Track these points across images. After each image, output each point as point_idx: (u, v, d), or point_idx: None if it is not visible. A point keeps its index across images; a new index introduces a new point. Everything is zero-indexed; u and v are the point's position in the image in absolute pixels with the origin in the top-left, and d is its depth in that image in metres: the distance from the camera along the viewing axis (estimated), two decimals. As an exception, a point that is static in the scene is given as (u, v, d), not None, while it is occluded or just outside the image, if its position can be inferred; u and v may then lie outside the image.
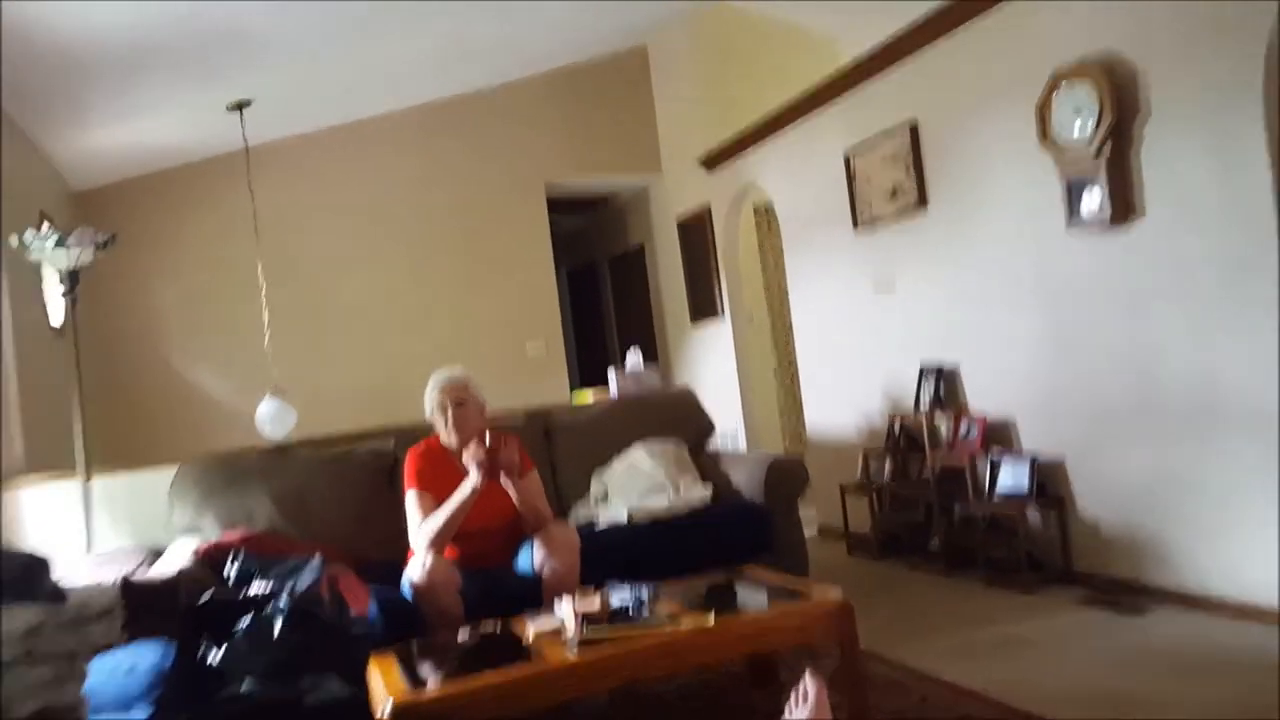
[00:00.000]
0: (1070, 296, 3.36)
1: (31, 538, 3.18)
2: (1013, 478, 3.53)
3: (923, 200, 4.00)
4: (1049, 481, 3.49)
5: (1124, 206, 3.06)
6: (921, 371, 4.03)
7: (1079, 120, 3.12)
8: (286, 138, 5.41)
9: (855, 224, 4.44)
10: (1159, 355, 3.05)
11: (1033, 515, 3.56)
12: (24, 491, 3.31)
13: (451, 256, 5.81)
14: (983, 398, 3.83)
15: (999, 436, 3.72)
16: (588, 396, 4.41)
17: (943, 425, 3.96)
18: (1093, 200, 3.14)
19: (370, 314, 5.59)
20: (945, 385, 3.95)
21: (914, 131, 4.00)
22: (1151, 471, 3.13)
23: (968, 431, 3.76)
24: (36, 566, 1.56)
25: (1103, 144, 3.04)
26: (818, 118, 4.63)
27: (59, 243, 3.03)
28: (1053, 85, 3.20)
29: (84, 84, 3.85)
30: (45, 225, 3.82)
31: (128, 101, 4.20)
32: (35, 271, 3.83)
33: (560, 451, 3.56)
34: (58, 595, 1.59)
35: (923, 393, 4.01)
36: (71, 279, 3.14)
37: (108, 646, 1.70)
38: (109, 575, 2.02)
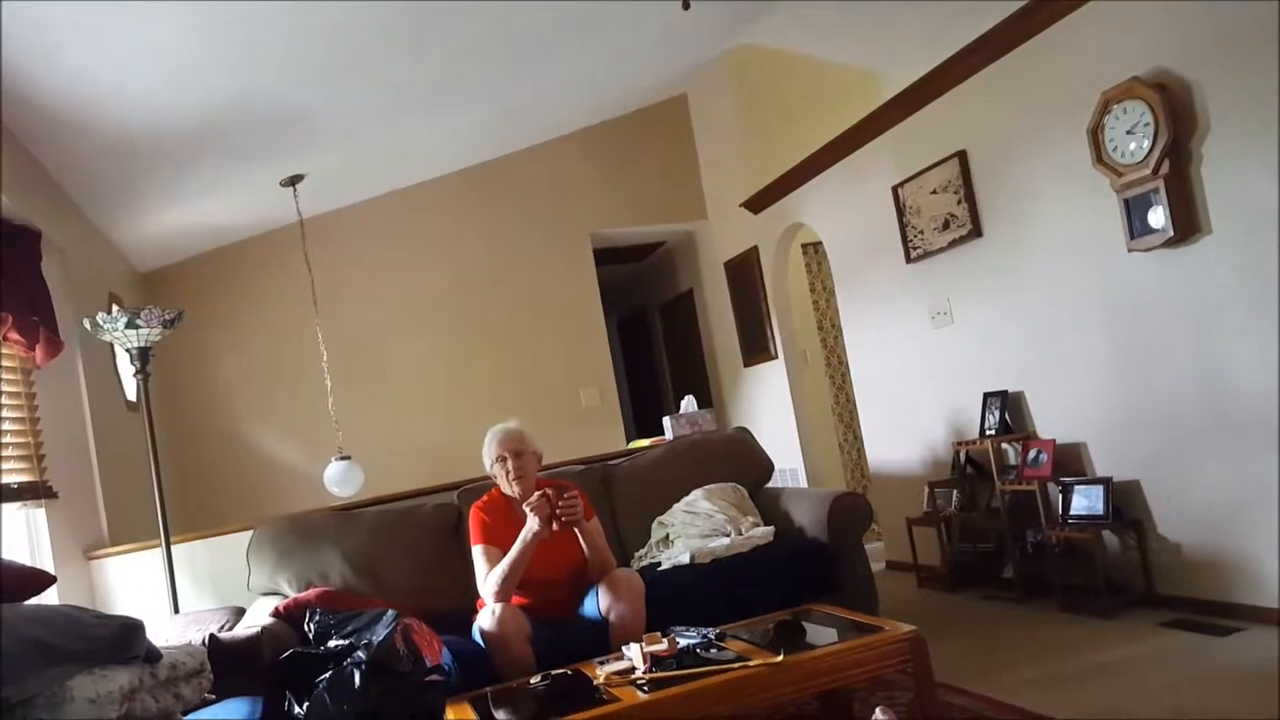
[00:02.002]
0: (1135, 316, 3.30)
1: (120, 605, 3.31)
2: (1086, 501, 3.44)
3: (977, 229, 3.98)
4: (1124, 504, 3.40)
5: (1187, 223, 3.02)
6: (986, 399, 3.97)
7: (1134, 140, 3.10)
8: (338, 209, 5.65)
9: (908, 256, 4.43)
10: (1230, 370, 2.98)
11: (1110, 539, 3.46)
12: (110, 561, 3.45)
13: (502, 312, 5.94)
14: (1050, 423, 3.75)
15: (1069, 461, 3.63)
16: (645, 445, 4.44)
17: (1010, 452, 3.89)
18: (1155, 218, 3.09)
19: (427, 373, 5.73)
20: (1010, 412, 3.88)
21: (964, 161, 4.01)
22: (1230, 488, 3.03)
23: (1036, 457, 3.69)
24: (133, 628, 1.64)
25: (1160, 162, 3.02)
26: (863, 153, 4.67)
27: (129, 323, 3.20)
28: (1104, 107, 3.19)
29: (144, 169, 4.09)
30: (115, 307, 4.03)
31: (186, 184, 4.44)
32: (108, 351, 4.04)
33: (619, 499, 3.58)
34: (153, 656, 1.66)
35: (987, 420, 3.94)
36: (142, 356, 3.31)
37: (200, 704, 1.77)
38: (196, 636, 2.09)
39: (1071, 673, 2.81)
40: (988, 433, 3.91)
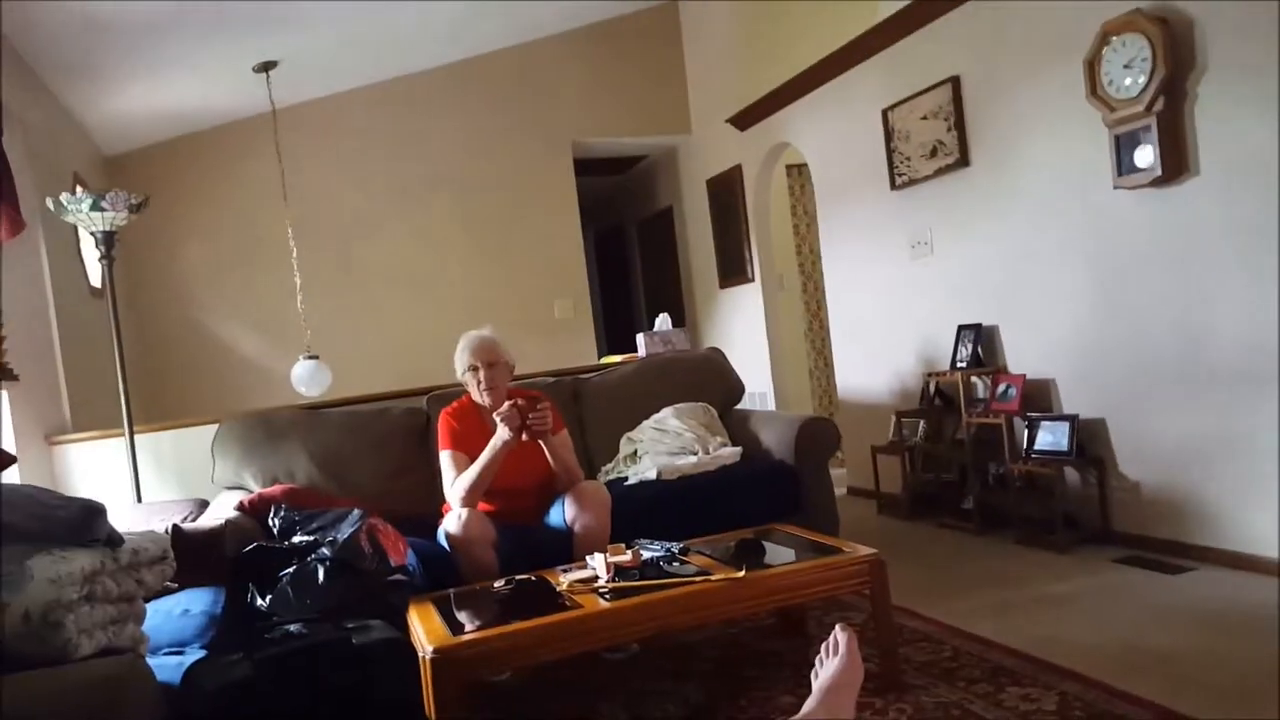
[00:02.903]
0: (1116, 255, 3.29)
1: (82, 491, 3.28)
2: (1051, 437, 3.50)
3: (964, 158, 3.92)
4: (1089, 442, 3.46)
5: (1176, 163, 2.99)
6: (959, 331, 3.99)
7: (1130, 75, 3.04)
8: (313, 99, 5.43)
9: (893, 183, 4.37)
10: (1207, 315, 2.99)
11: (1071, 475, 3.54)
12: (72, 448, 3.41)
13: (478, 216, 5.82)
14: (1022, 358, 3.79)
15: (1038, 397, 3.68)
16: (617, 361, 4.43)
17: (979, 385, 3.94)
18: (1144, 156, 3.06)
19: (399, 275, 5.63)
20: (983, 345, 3.91)
21: (956, 87, 3.92)
22: (1196, 432, 3.08)
23: (1005, 391, 3.73)
24: (94, 512, 1.62)
25: (1155, 99, 2.97)
26: (855, 74, 4.55)
27: (94, 206, 3.07)
28: (1103, 39, 3.11)
29: (110, 46, 3.88)
30: (79, 188, 3.88)
31: (153, 62, 4.22)
32: (72, 234, 3.90)
33: (589, 413, 3.59)
34: (114, 540, 1.64)
35: (959, 353, 3.97)
36: (107, 241, 3.19)
37: (162, 591, 1.77)
38: (159, 525, 2.08)
39: (1023, 602, 2.90)
40: (959, 365, 3.95)
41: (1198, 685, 2.12)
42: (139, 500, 3.16)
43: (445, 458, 2.76)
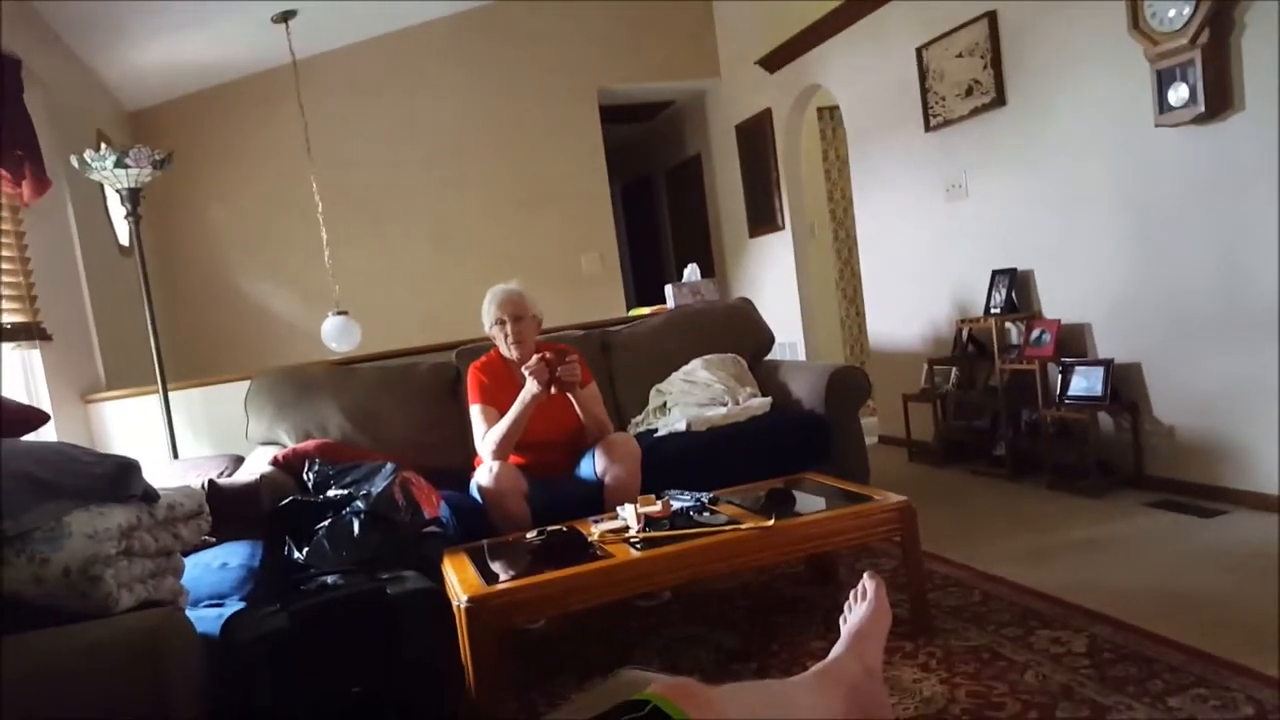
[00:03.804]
0: (1156, 197, 3.18)
1: (118, 449, 3.34)
2: (1086, 382, 3.44)
3: (1000, 97, 3.79)
4: (1123, 386, 3.39)
5: (1220, 99, 2.86)
6: (994, 277, 3.90)
7: (1174, 6, 2.89)
8: (335, 49, 5.36)
9: (927, 125, 4.24)
10: (1248, 257, 2.89)
11: (1104, 420, 3.48)
12: (108, 406, 3.47)
13: (505, 168, 5.75)
14: (1057, 303, 3.70)
15: (1073, 342, 3.60)
16: (645, 313, 4.40)
17: (1013, 331, 3.86)
18: (1186, 92, 2.93)
19: (423, 228, 5.61)
20: (1018, 291, 3.82)
21: (993, 22, 3.76)
22: (1232, 375, 3.01)
23: (1039, 337, 3.66)
24: (129, 468, 1.64)
25: (1200, 30, 2.83)
26: (888, 10, 4.39)
27: (118, 163, 3.07)
28: (1146, -35, 2.96)
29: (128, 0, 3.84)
30: (103, 145, 3.88)
31: (173, 15, 4.17)
32: (98, 192, 3.91)
33: (618, 366, 3.57)
34: (150, 496, 1.67)
35: (993, 299, 3.89)
36: (133, 198, 3.19)
37: (200, 545, 1.80)
38: (195, 480, 2.11)
39: (1054, 547, 2.88)
40: (992, 311, 3.87)
41: (1230, 627, 2.10)
42: (175, 457, 3.22)
43: (475, 412, 2.77)
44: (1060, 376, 3.55)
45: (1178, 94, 2.94)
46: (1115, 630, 2.12)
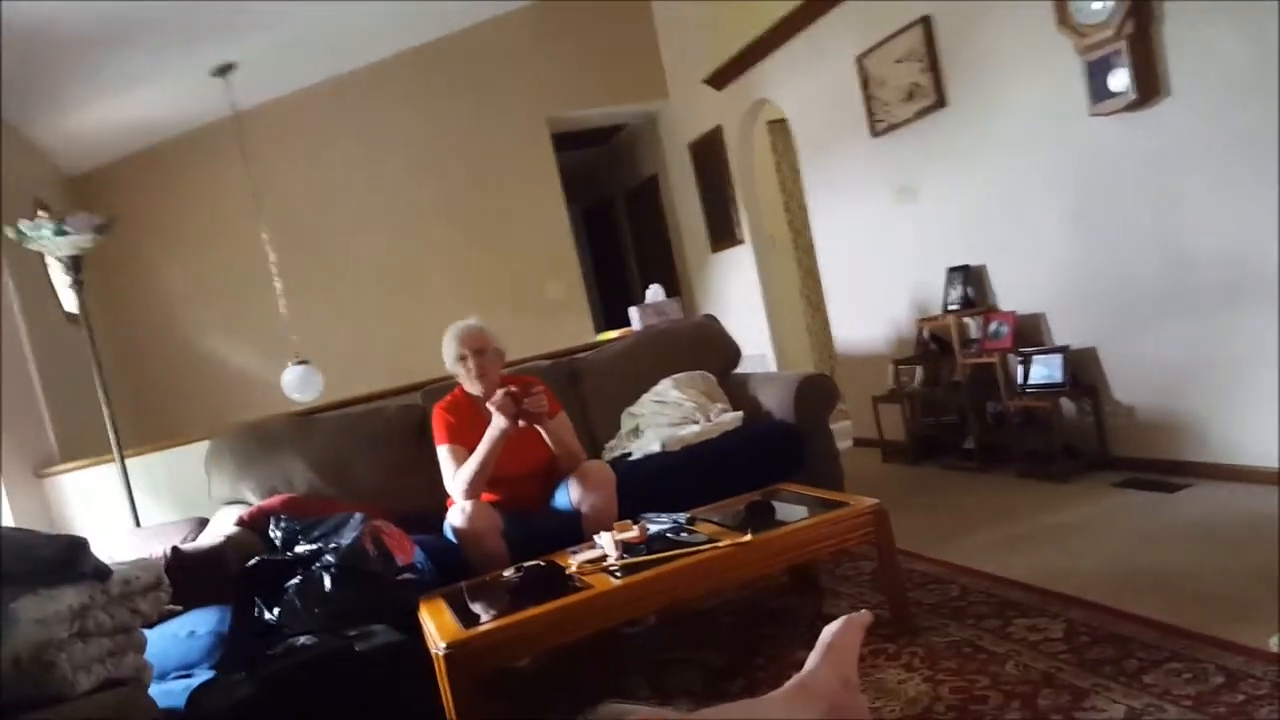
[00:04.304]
0: (1097, 183, 3.25)
1: (78, 521, 3.25)
2: (1045, 370, 3.48)
3: (941, 99, 3.85)
4: (1081, 371, 3.44)
5: (1149, 85, 2.93)
6: (949, 274, 3.95)
7: (1099, 0, 2.97)
8: (277, 98, 5.33)
9: (872, 131, 4.30)
10: (1189, 235, 2.96)
11: (1067, 405, 3.52)
12: (63, 479, 3.38)
13: (460, 203, 5.74)
14: (1012, 295, 3.75)
15: (1030, 332, 3.65)
16: (612, 337, 4.38)
17: (972, 326, 3.90)
18: (1116, 81, 3.01)
19: (383, 271, 5.56)
20: (973, 286, 3.88)
21: (928, 28, 3.84)
22: (1184, 352, 3.07)
23: (997, 330, 3.70)
24: (77, 546, 1.58)
25: (1124, 22, 2.91)
26: (826, 21, 4.46)
27: (58, 230, 3.01)
28: (1066, -37, 3.04)
29: (61, 63, 3.79)
30: (41, 213, 3.80)
31: (108, 76, 4.13)
32: (39, 261, 3.83)
33: (588, 392, 3.55)
34: (102, 573, 1.61)
35: (950, 295, 3.94)
36: (75, 265, 3.13)
37: (162, 616, 1.74)
38: (157, 548, 2.05)
39: (1027, 534, 2.90)
40: (950, 308, 3.91)
41: (1199, 598, 2.14)
42: (137, 524, 3.14)
43: (443, 452, 2.73)
44: (1020, 367, 3.59)
45: (1116, 81, 3.01)
46: (1090, 612, 2.15)
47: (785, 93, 5.01)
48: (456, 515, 2.56)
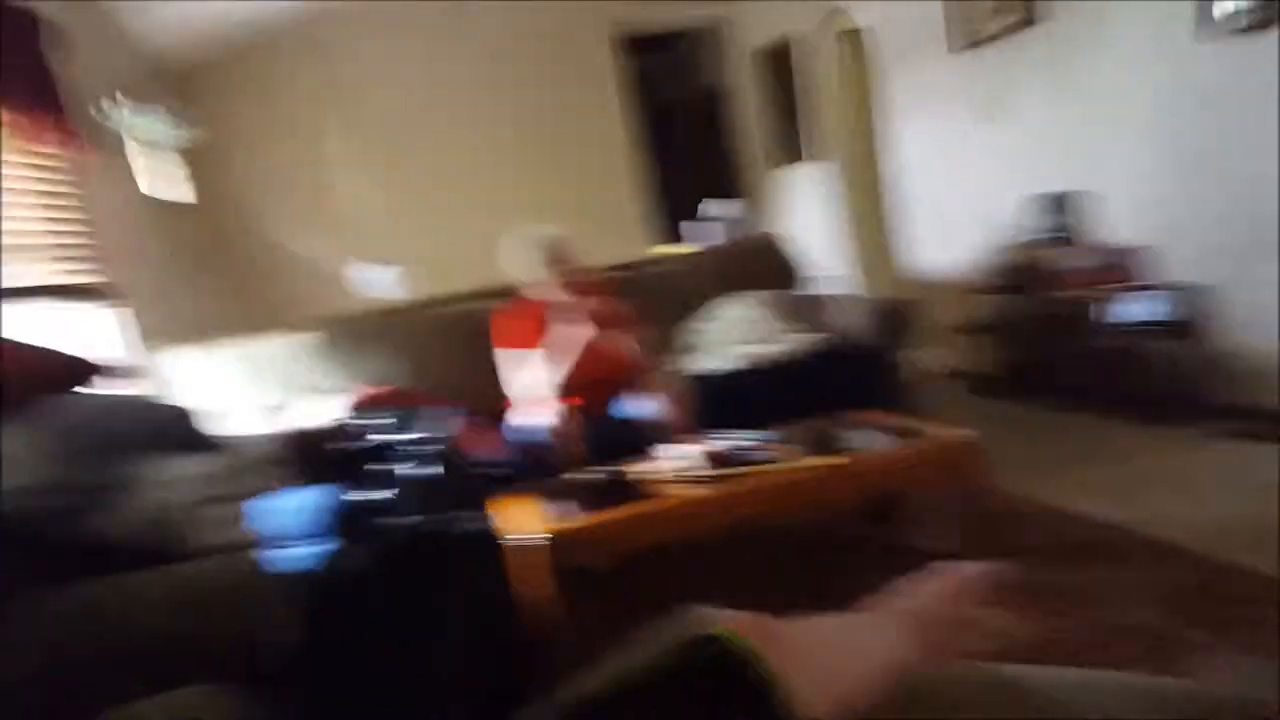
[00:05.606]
0: (1204, 109, 3.04)
1: (188, 400, 3.42)
2: (1147, 308, 3.33)
3: (1029, 16, 3.61)
4: (1187, 311, 3.28)
5: (1264, 11, 2.69)
6: (1040, 200, 3.76)
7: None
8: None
9: (956, 45, 4.05)
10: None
11: (1170, 346, 3.37)
12: (172, 356, 3.53)
13: (524, 108, 5.63)
14: (1111, 227, 3.57)
15: (1131, 267, 3.48)
16: (676, 251, 4.33)
17: (1066, 257, 3.74)
18: (1228, 4, 2.76)
19: (443, 173, 5.54)
20: (1070, 215, 3.69)
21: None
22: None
23: (1095, 262, 3.54)
24: (202, 416, 1.67)
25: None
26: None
27: (149, 116, 3.07)
28: None
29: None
30: (131, 100, 3.88)
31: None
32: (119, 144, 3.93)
33: (655, 306, 3.52)
34: (220, 443, 1.70)
35: (1042, 223, 3.76)
36: (183, 153, 3.20)
37: (277, 489, 1.84)
38: (270, 428, 2.16)
39: (1125, 479, 2.83)
40: (1041, 236, 3.75)
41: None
42: (242, 407, 3.28)
43: (510, 356, 2.79)
44: (1119, 303, 3.44)
45: (1226, 3, 2.77)
46: (1185, 562, 2.09)
47: (862, 2, 4.73)
48: (539, 416, 2.61)
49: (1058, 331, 3.77)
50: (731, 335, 3.31)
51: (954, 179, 4.36)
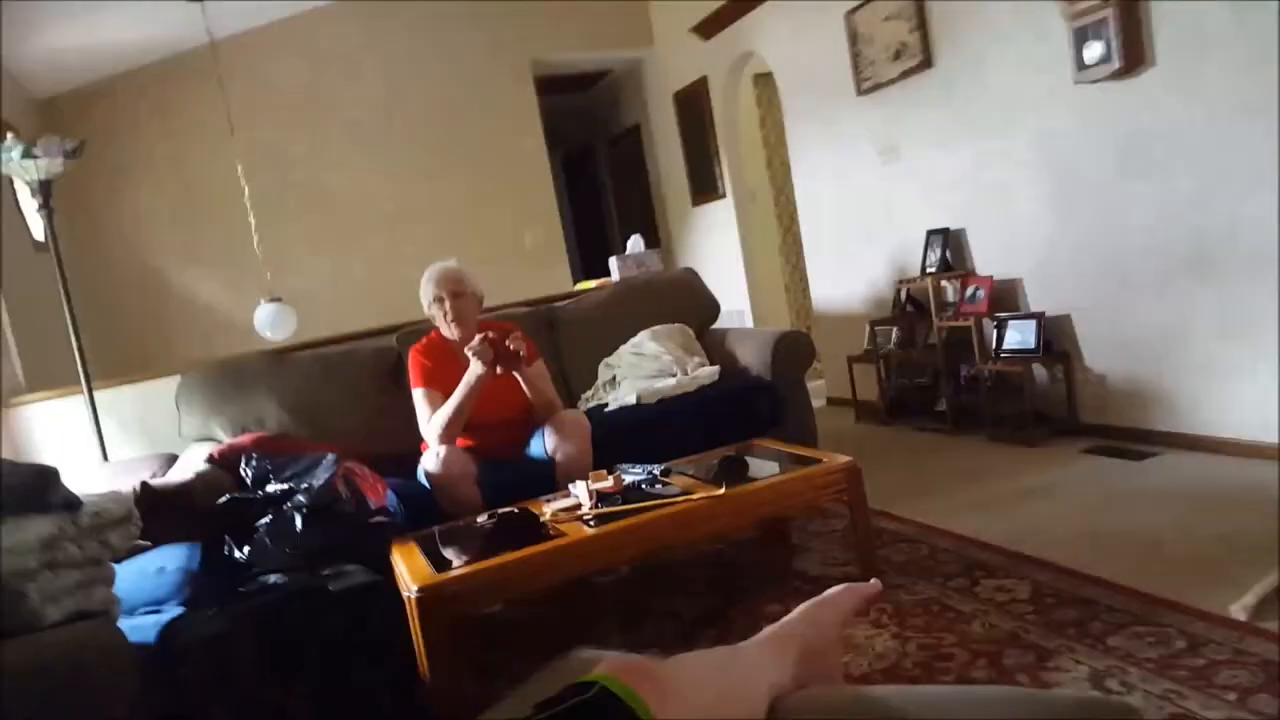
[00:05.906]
0: (1078, 151, 3.25)
1: (45, 454, 3.21)
2: (1019, 336, 3.52)
3: (928, 60, 3.81)
4: (1055, 338, 3.49)
5: (1134, 55, 2.92)
6: (928, 236, 3.95)
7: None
8: (253, 28, 5.14)
9: (859, 88, 4.25)
10: (1167, 207, 2.98)
11: (1039, 371, 3.57)
12: (30, 409, 3.32)
13: (440, 144, 5.60)
14: (990, 260, 3.77)
15: (1006, 298, 3.68)
16: (590, 287, 4.35)
17: (949, 290, 3.92)
18: (1102, 50, 3.00)
19: (360, 210, 5.44)
20: (952, 249, 3.88)
21: (917, -15, 3.78)
22: (1157, 323, 3.12)
23: (974, 294, 3.72)
24: (47, 476, 1.55)
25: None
26: (817, -26, 4.37)
27: (25, 153, 2.90)
28: (1062, -75, 3.00)
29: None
30: (10, 135, 3.67)
31: (80, -4, 3.96)
32: (7, 187, 3.71)
33: (565, 341, 3.53)
34: (73, 504, 1.59)
35: (929, 258, 3.94)
36: (44, 190, 3.03)
37: (130, 551, 1.72)
38: (126, 484, 2.03)
39: (996, 497, 2.96)
40: (928, 270, 3.93)
41: (1164, 564, 2.20)
42: (105, 459, 3.10)
43: (419, 395, 2.71)
44: (995, 331, 3.62)
45: (1103, 49, 3.00)
46: (1056, 575, 2.19)
47: (773, 46, 4.93)
48: (431, 460, 2.55)
49: (939, 359, 3.93)
50: (644, 368, 3.33)
51: (855, 215, 4.53)
